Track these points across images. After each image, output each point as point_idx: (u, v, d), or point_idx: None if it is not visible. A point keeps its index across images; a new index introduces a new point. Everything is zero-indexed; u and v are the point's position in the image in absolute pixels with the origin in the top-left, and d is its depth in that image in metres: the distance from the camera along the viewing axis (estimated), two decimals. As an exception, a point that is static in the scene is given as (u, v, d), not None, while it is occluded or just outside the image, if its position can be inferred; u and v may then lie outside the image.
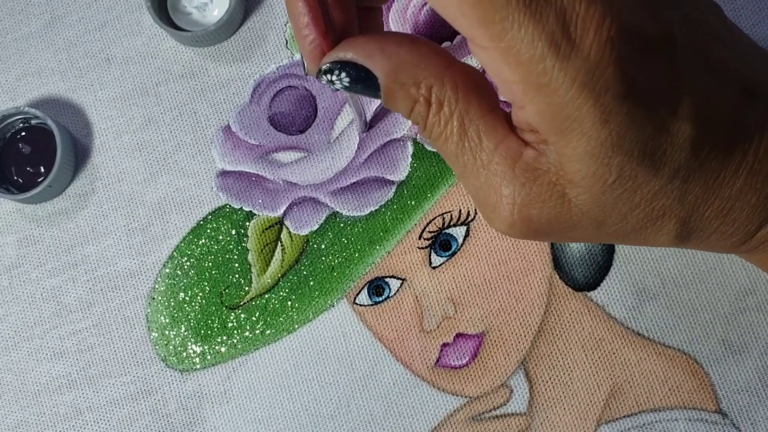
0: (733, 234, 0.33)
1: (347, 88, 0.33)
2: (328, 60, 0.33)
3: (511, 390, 0.43)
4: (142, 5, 0.47)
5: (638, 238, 0.33)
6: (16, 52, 0.47)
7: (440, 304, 0.43)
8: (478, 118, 0.32)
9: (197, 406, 0.44)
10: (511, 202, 0.32)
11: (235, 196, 0.45)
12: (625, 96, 0.29)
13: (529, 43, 0.28)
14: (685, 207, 0.31)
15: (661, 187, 0.31)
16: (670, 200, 0.31)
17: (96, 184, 0.46)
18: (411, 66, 0.32)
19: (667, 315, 0.43)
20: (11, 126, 0.46)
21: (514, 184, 0.31)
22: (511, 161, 0.31)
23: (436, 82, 0.32)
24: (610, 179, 0.30)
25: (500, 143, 0.31)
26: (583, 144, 0.30)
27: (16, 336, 0.45)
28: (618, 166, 0.30)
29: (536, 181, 0.31)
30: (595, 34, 0.28)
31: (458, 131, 0.32)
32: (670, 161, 0.30)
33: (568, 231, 0.33)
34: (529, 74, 0.29)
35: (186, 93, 0.46)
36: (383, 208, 0.44)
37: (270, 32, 0.46)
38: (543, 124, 0.30)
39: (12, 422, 0.44)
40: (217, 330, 0.44)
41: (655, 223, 0.32)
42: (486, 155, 0.32)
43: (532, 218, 0.32)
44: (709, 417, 0.42)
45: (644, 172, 0.30)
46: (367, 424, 0.43)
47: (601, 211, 0.31)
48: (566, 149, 0.30)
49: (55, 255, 0.45)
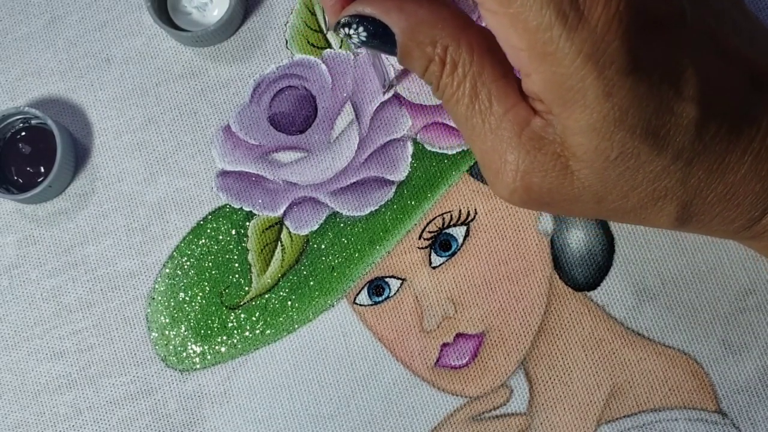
0: (736, 219, 0.33)
1: (364, 42, 0.33)
2: (347, 13, 0.33)
3: (511, 390, 0.43)
4: (142, 5, 0.47)
5: (638, 217, 0.33)
6: (16, 52, 0.47)
7: (440, 304, 0.43)
8: (490, 82, 0.32)
9: (197, 406, 0.44)
10: (514, 169, 0.32)
11: (235, 196, 0.45)
12: (629, 71, 0.29)
13: (538, 11, 0.28)
14: (688, 190, 0.31)
15: (664, 168, 0.31)
16: (672, 182, 0.31)
17: (96, 184, 0.46)
18: (428, 25, 0.32)
19: (667, 315, 0.42)
20: (11, 126, 0.46)
21: (520, 150, 0.32)
22: (519, 128, 0.31)
23: (453, 43, 0.32)
24: (612, 155, 0.30)
25: (510, 109, 0.32)
26: (585, 117, 0.30)
27: (16, 336, 0.45)
28: (620, 142, 0.30)
29: (541, 150, 0.31)
30: (603, 7, 0.28)
31: (470, 93, 0.32)
32: (673, 142, 0.30)
33: (568, 203, 0.33)
34: (535, 42, 0.29)
35: (186, 93, 0.46)
36: (383, 208, 0.44)
37: (270, 32, 0.46)
38: (547, 94, 0.30)
39: (12, 422, 0.44)
40: (217, 330, 0.44)
41: (656, 203, 0.32)
42: (495, 120, 0.32)
43: (533, 186, 0.32)
44: (709, 417, 0.42)
45: (647, 150, 0.30)
46: (367, 424, 0.43)
47: (603, 187, 0.31)
48: (569, 121, 0.30)
49: (55, 255, 0.45)
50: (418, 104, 0.45)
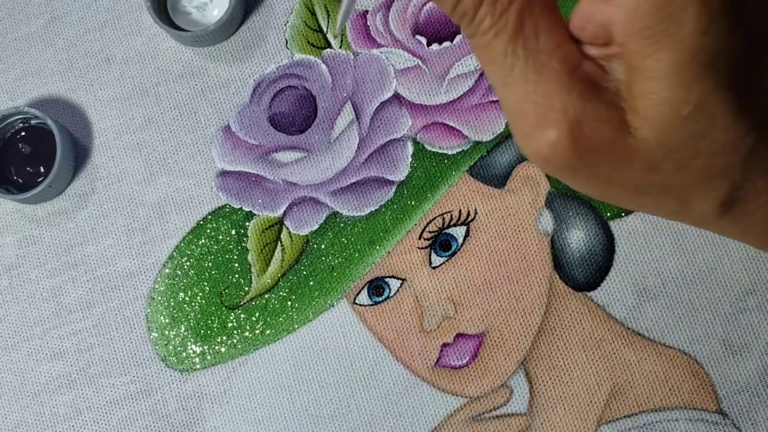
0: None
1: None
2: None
3: (511, 390, 0.43)
4: (142, 5, 0.47)
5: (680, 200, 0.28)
6: (16, 52, 0.47)
7: (440, 304, 0.43)
8: (539, 13, 0.27)
9: (197, 406, 0.44)
10: (562, 116, 0.26)
11: (235, 196, 0.45)
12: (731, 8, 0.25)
13: None
14: (743, 170, 0.27)
15: (732, 141, 0.26)
16: (735, 157, 0.26)
17: (96, 184, 0.46)
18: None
19: (667, 315, 0.42)
20: (11, 126, 0.46)
21: (571, 93, 0.26)
22: (570, 67, 0.27)
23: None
24: (684, 110, 0.26)
25: (559, 45, 0.27)
26: (671, 55, 0.25)
27: (16, 336, 0.45)
28: (701, 93, 0.25)
29: (596, 96, 0.26)
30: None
31: (513, 26, 0.27)
32: (753, 112, 0.26)
33: (614, 168, 0.28)
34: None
35: (186, 93, 0.46)
36: (383, 208, 0.44)
37: (270, 32, 0.46)
38: (633, 23, 0.25)
39: (12, 422, 0.44)
40: (217, 330, 0.44)
41: (709, 182, 0.27)
42: (542, 57, 0.27)
43: (582, 138, 0.27)
44: (710, 417, 0.41)
45: (725, 113, 0.26)
46: (367, 424, 0.43)
47: (660, 151, 0.27)
48: (648, 61, 0.25)
49: (55, 255, 0.45)
50: (418, 104, 0.45)
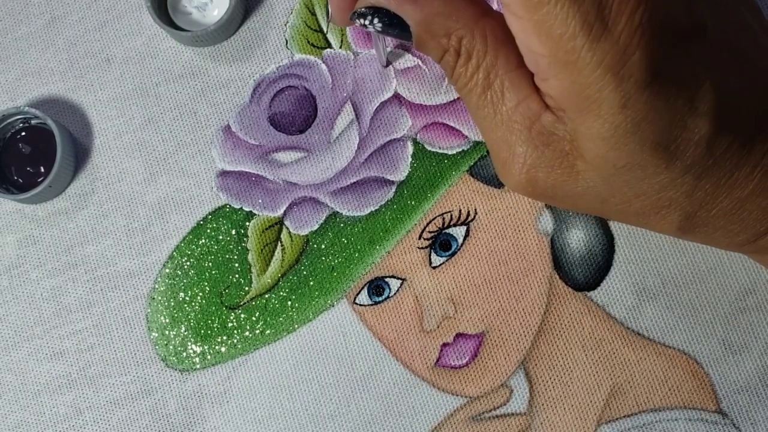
0: (740, 233, 0.33)
1: (380, 32, 0.34)
2: (362, 4, 0.33)
3: (511, 390, 0.43)
4: (142, 5, 0.47)
5: (641, 221, 0.33)
6: (16, 52, 0.47)
7: (440, 304, 0.43)
8: (503, 73, 0.32)
9: (197, 406, 0.44)
10: (521, 162, 0.32)
11: (235, 196, 0.45)
12: (647, 84, 0.29)
13: (563, 20, 0.28)
14: (693, 202, 0.31)
15: (671, 181, 0.31)
16: (678, 193, 0.31)
17: (96, 184, 0.46)
18: (443, 16, 0.32)
19: (667, 315, 0.42)
20: (11, 126, 0.46)
21: (528, 144, 0.32)
22: (529, 122, 0.32)
23: (467, 33, 0.32)
24: (619, 163, 0.30)
25: (521, 101, 0.32)
26: (597, 126, 0.30)
27: (16, 336, 0.45)
28: (629, 153, 0.30)
29: (549, 146, 0.31)
30: (628, 19, 0.28)
31: (483, 84, 0.32)
32: (683, 156, 0.30)
33: (571, 200, 0.33)
34: (557, 50, 0.29)
35: (186, 93, 0.46)
36: (383, 208, 0.44)
37: (270, 32, 0.46)
38: (563, 100, 0.30)
39: (12, 422, 0.44)
40: (217, 330, 0.44)
41: (659, 212, 0.32)
42: (506, 111, 0.32)
43: (538, 180, 0.32)
44: (709, 417, 0.42)
45: (655, 162, 0.30)
46: (367, 424, 0.43)
47: (607, 190, 0.32)
48: (581, 127, 0.30)
49: (55, 255, 0.45)
50: (418, 104, 0.45)
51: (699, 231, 0.33)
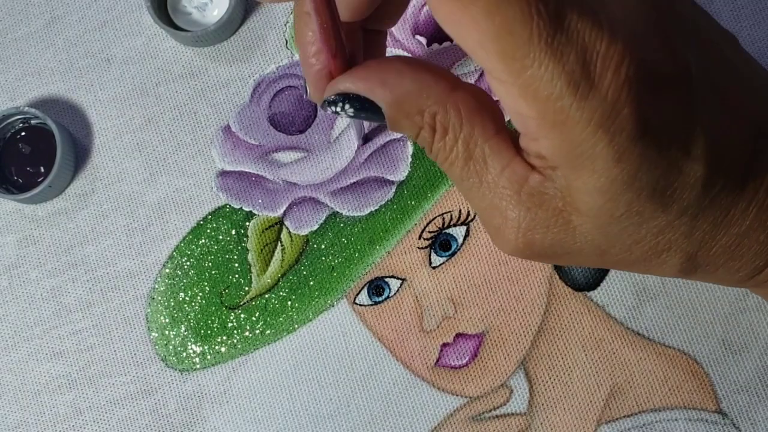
0: (741, 269, 0.32)
1: (353, 116, 0.33)
2: (331, 92, 0.33)
3: (511, 390, 0.43)
4: (142, 5, 0.47)
5: (642, 267, 0.33)
6: (16, 52, 0.47)
7: (440, 304, 0.43)
8: (483, 142, 0.31)
9: (197, 406, 0.44)
10: (515, 226, 0.32)
11: (235, 196, 0.45)
12: (639, 137, 0.28)
13: (549, 81, 0.28)
14: (692, 243, 0.31)
15: (669, 223, 0.31)
16: (676, 235, 0.31)
17: (96, 184, 0.46)
18: (413, 95, 0.32)
19: (667, 315, 0.42)
20: (11, 126, 0.46)
21: (520, 208, 0.31)
22: (517, 185, 0.31)
23: (440, 108, 0.31)
24: (617, 213, 0.30)
25: (506, 167, 0.31)
26: (593, 180, 0.29)
27: (16, 336, 0.45)
28: (626, 202, 0.30)
29: (541, 206, 0.31)
30: (613, 74, 0.28)
31: (463, 155, 0.32)
32: (679, 199, 0.30)
33: (571, 256, 0.32)
34: (545, 111, 0.28)
35: (186, 93, 0.46)
36: (383, 208, 0.44)
37: (270, 32, 0.46)
38: (555, 158, 0.30)
39: (12, 422, 0.44)
40: (217, 330, 0.44)
41: (660, 256, 0.32)
42: (492, 178, 0.32)
43: (535, 242, 0.32)
44: (709, 417, 0.42)
45: (652, 208, 0.30)
46: (367, 424, 0.43)
47: (605, 241, 0.31)
48: (576, 182, 0.30)
49: (55, 255, 0.45)
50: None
51: (701, 271, 0.33)
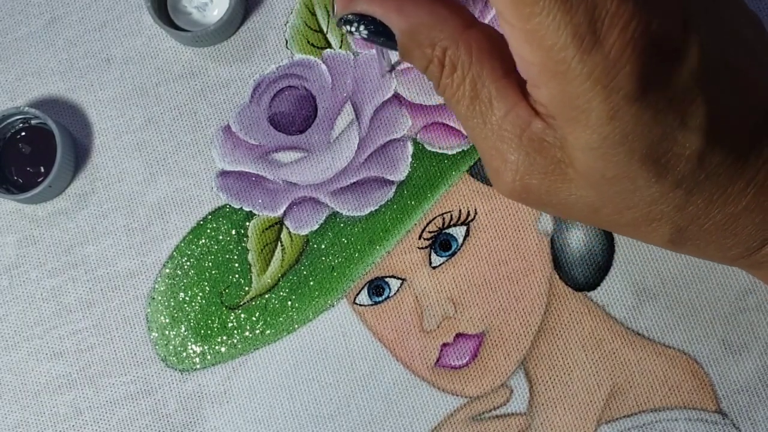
0: (733, 248, 0.32)
1: (366, 39, 0.33)
2: (348, 11, 0.33)
3: (511, 390, 0.43)
4: (142, 5, 0.47)
5: (631, 232, 0.33)
6: (16, 52, 0.47)
7: (440, 304, 0.43)
8: (490, 83, 0.32)
9: (197, 406, 0.44)
10: (514, 169, 0.32)
11: (235, 196, 0.45)
12: (635, 98, 0.29)
13: (555, 31, 0.28)
14: (684, 216, 0.31)
15: (662, 194, 0.31)
16: (669, 207, 0.31)
17: (96, 184, 0.46)
18: (427, 27, 0.32)
19: (667, 315, 0.43)
20: (11, 126, 0.46)
21: (520, 152, 0.32)
22: (519, 129, 0.31)
23: (452, 44, 0.32)
24: (608, 174, 0.30)
25: (511, 110, 0.32)
26: (585, 136, 0.30)
27: (16, 336, 0.45)
28: (617, 164, 0.30)
29: (541, 152, 0.31)
30: (619, 33, 0.28)
31: (470, 94, 0.32)
32: (673, 170, 0.30)
33: (565, 208, 0.33)
34: (548, 60, 0.29)
35: (186, 93, 0.46)
36: (383, 208, 0.44)
37: (270, 32, 0.46)
38: (553, 108, 0.30)
39: (12, 422, 0.44)
40: (217, 330, 0.44)
41: (651, 224, 0.32)
42: (496, 120, 0.32)
43: (531, 188, 0.32)
44: (709, 417, 0.42)
45: (645, 176, 0.30)
46: (367, 424, 0.43)
47: (598, 200, 0.32)
48: (570, 137, 0.30)
49: (55, 255, 0.45)
50: (418, 104, 0.45)
51: (690, 244, 0.33)
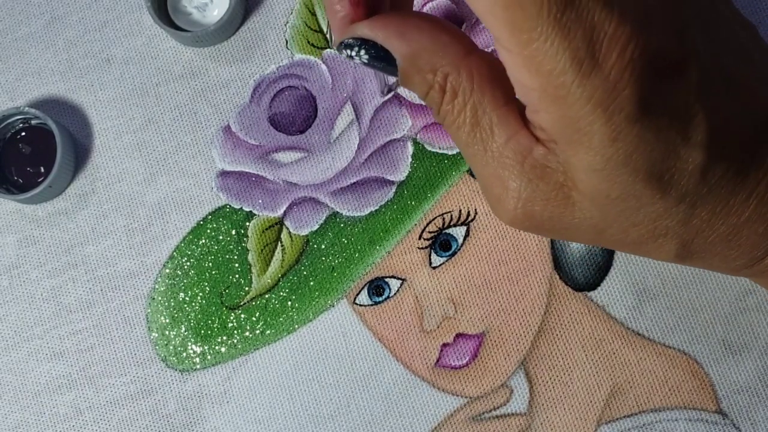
0: (737, 258, 0.32)
1: (366, 64, 0.33)
2: (349, 35, 0.33)
3: (511, 390, 0.43)
4: (142, 5, 0.47)
5: (637, 249, 0.33)
6: (16, 52, 0.47)
7: (440, 304, 0.43)
8: (491, 110, 0.32)
9: (197, 406, 0.44)
10: (516, 196, 0.32)
11: (235, 196, 0.45)
12: (637, 118, 0.28)
13: (553, 56, 0.28)
14: (689, 230, 0.31)
15: (666, 210, 0.30)
16: (674, 222, 0.31)
17: (96, 184, 0.46)
18: (429, 53, 0.32)
19: (667, 315, 0.43)
20: (11, 126, 0.46)
21: (522, 179, 0.31)
22: (521, 156, 0.31)
23: (453, 70, 0.32)
24: (612, 194, 0.30)
25: (512, 137, 0.31)
26: (588, 158, 0.29)
27: (16, 336, 0.45)
28: (622, 184, 0.30)
29: (543, 179, 0.31)
30: (618, 55, 0.28)
31: (471, 121, 0.32)
32: (677, 186, 0.30)
33: (569, 232, 0.33)
34: (547, 85, 0.29)
35: (186, 93, 0.46)
36: (383, 208, 0.44)
37: (270, 32, 0.46)
38: (554, 132, 0.30)
39: (12, 422, 0.44)
40: (217, 330, 0.44)
41: (656, 240, 0.32)
42: (497, 147, 0.32)
43: (534, 214, 0.32)
44: (709, 417, 0.42)
45: (649, 193, 0.30)
46: (367, 424, 0.43)
47: (603, 221, 0.31)
48: (573, 159, 0.30)
49: (55, 255, 0.45)
50: (418, 104, 0.45)
51: (697, 258, 0.33)
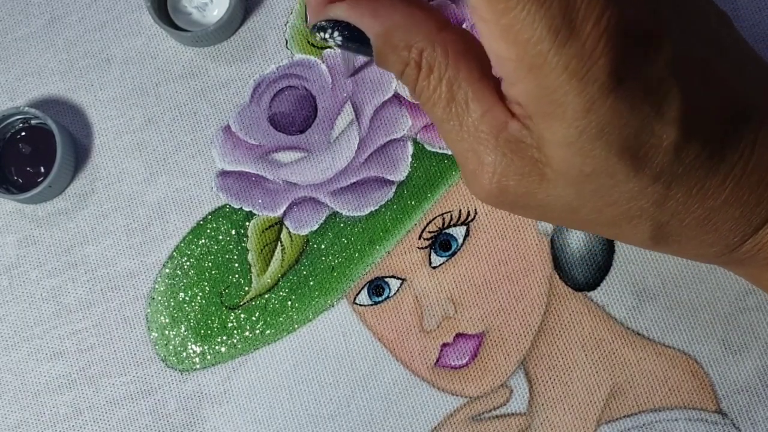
0: (714, 244, 0.32)
1: (340, 46, 0.33)
2: (322, 17, 0.33)
3: (511, 390, 0.43)
4: (142, 5, 0.47)
5: (612, 232, 0.33)
6: (16, 52, 0.47)
7: (440, 304, 0.43)
8: (467, 85, 0.32)
9: (197, 406, 0.44)
10: (491, 171, 0.32)
11: (235, 196, 0.45)
12: (611, 89, 0.29)
13: (530, 25, 0.28)
14: (664, 212, 0.31)
15: (641, 189, 0.30)
16: (648, 203, 0.31)
17: (96, 184, 0.46)
18: (403, 29, 0.32)
19: (667, 315, 0.43)
20: (11, 126, 0.46)
21: (496, 153, 0.31)
22: (496, 131, 0.31)
23: (428, 45, 0.32)
24: (586, 169, 0.30)
25: (487, 111, 0.31)
26: (562, 130, 0.29)
27: (16, 336, 0.45)
28: (595, 158, 0.30)
29: (518, 153, 0.31)
30: (594, 24, 0.28)
31: (446, 96, 0.32)
32: (651, 163, 0.30)
33: (542, 210, 0.33)
34: (524, 54, 0.29)
35: (186, 93, 0.46)
36: (383, 208, 0.44)
37: (270, 32, 0.46)
38: (529, 105, 0.30)
39: (12, 422, 0.44)
40: (217, 330, 0.44)
41: (631, 221, 0.32)
42: (472, 122, 0.32)
43: (509, 189, 0.32)
44: (709, 417, 0.42)
45: (623, 170, 0.30)
46: (367, 424, 0.43)
47: (576, 199, 0.31)
48: (547, 133, 0.30)
49: (55, 255, 0.45)
50: (418, 104, 0.45)
51: (672, 242, 0.33)
